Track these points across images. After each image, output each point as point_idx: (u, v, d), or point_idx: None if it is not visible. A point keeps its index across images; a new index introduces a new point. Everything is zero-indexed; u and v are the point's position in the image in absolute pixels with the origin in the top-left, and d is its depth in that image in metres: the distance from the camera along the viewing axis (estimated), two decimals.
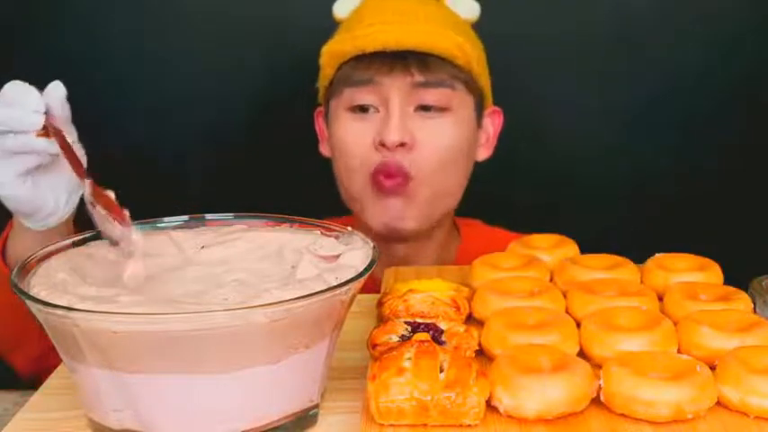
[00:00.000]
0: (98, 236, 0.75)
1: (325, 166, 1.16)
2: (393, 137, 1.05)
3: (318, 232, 0.76)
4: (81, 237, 0.75)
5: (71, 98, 0.79)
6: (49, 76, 0.76)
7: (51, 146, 0.76)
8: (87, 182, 0.73)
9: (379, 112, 1.08)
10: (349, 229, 0.75)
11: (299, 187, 1.41)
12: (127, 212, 0.73)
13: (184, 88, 1.49)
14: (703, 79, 1.49)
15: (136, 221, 0.78)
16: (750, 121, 1.50)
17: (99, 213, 0.72)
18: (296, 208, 0.84)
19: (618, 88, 1.49)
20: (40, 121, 0.76)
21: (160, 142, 1.50)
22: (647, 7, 1.46)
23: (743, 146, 1.50)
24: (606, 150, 1.51)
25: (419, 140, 1.07)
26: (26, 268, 0.67)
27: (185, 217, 0.80)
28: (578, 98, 1.49)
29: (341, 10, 1.14)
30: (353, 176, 1.10)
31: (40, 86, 0.77)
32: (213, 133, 1.51)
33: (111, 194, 0.74)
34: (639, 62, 1.48)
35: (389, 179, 1.07)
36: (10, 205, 0.82)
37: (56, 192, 0.81)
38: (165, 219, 0.79)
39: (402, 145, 1.06)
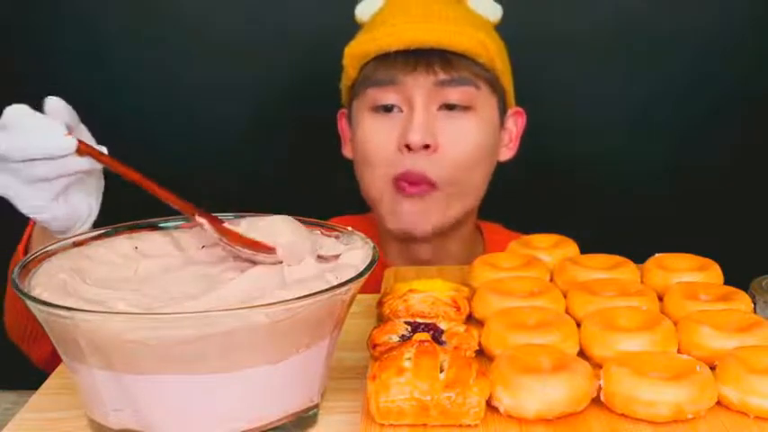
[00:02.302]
0: (98, 236, 0.75)
1: (331, 166, 1.16)
2: (417, 137, 1.04)
3: (318, 232, 0.76)
4: (82, 237, 0.75)
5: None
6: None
7: (92, 163, 0.74)
8: (202, 220, 0.72)
9: (402, 111, 1.08)
10: (349, 228, 0.75)
11: (303, 187, 1.41)
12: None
13: (185, 88, 1.49)
14: (703, 79, 1.49)
15: (135, 222, 0.78)
16: (750, 120, 1.50)
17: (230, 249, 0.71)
18: (302, 208, 0.84)
19: (618, 88, 1.50)
20: (74, 142, 0.73)
21: (160, 142, 1.50)
22: (648, 7, 1.46)
23: (743, 146, 1.51)
24: (606, 150, 1.51)
25: (443, 142, 1.06)
26: (27, 268, 0.67)
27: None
28: (578, 98, 1.49)
29: (363, 12, 1.14)
30: (375, 178, 1.09)
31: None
32: (214, 133, 1.51)
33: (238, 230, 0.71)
34: (640, 62, 1.48)
35: (413, 186, 1.07)
36: (47, 225, 0.80)
37: (88, 200, 0.80)
38: (166, 219, 0.79)
39: (426, 147, 1.05)
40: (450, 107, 1.07)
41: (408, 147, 1.05)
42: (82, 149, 0.74)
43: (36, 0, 1.46)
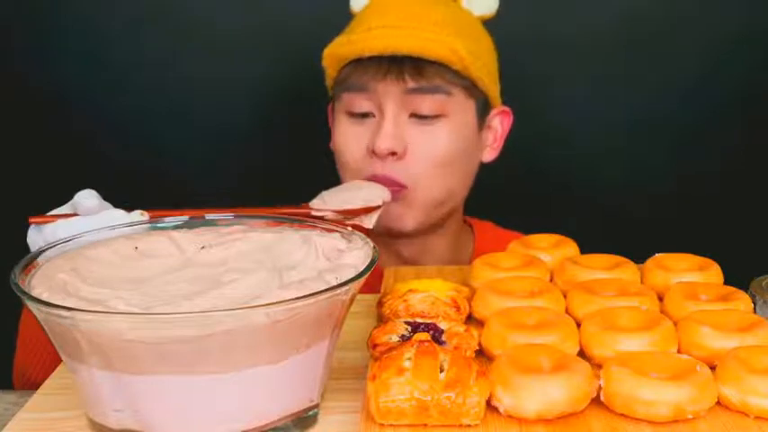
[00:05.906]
0: (98, 236, 0.75)
1: (332, 164, 1.16)
2: (383, 145, 1.04)
3: (318, 232, 0.76)
4: (81, 237, 0.75)
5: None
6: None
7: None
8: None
9: (375, 117, 1.08)
10: (349, 228, 0.75)
11: (303, 186, 1.40)
12: None
13: (184, 87, 1.49)
14: (704, 80, 1.49)
15: (136, 222, 0.78)
16: (750, 122, 1.50)
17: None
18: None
19: (619, 89, 1.50)
20: (144, 216, 0.81)
21: (160, 142, 1.50)
22: (649, 9, 1.46)
23: (743, 146, 1.51)
24: (607, 150, 1.51)
25: (411, 149, 1.06)
26: (26, 268, 0.67)
27: (185, 217, 0.80)
28: (579, 99, 1.49)
29: (356, 3, 1.13)
30: (350, 179, 1.10)
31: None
32: (214, 133, 1.51)
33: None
34: (640, 64, 1.48)
35: None
36: None
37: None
38: (166, 219, 0.79)
39: (393, 154, 1.05)
40: (420, 116, 1.07)
41: (375, 153, 1.05)
42: (151, 218, 0.81)
43: (36, 0, 1.46)
